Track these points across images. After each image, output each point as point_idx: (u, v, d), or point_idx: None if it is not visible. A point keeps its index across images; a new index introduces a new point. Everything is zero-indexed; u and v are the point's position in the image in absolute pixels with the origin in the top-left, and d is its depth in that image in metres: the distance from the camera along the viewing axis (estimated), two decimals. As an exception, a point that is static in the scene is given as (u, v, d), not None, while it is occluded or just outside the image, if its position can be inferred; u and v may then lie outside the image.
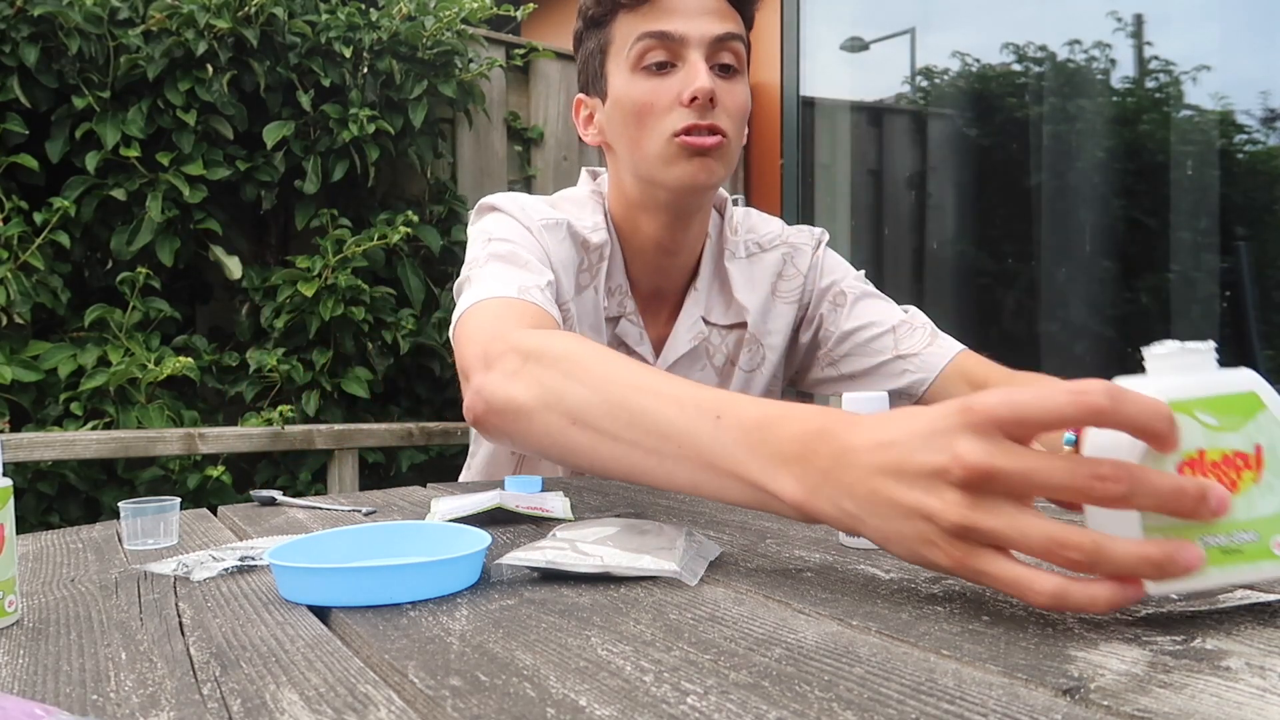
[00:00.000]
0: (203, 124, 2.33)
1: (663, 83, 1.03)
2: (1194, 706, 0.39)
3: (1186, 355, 0.50)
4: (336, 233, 2.44)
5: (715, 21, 1.03)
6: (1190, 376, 0.50)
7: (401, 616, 0.56)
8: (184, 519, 0.95)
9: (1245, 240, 2.48)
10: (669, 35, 1.02)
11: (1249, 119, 2.48)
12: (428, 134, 2.64)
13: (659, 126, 1.03)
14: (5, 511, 0.57)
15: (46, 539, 0.87)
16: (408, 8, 2.56)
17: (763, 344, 1.21)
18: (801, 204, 3.35)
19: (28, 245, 2.14)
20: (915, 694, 0.41)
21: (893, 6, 3.39)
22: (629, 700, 0.41)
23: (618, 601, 0.57)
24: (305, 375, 2.40)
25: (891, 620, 0.52)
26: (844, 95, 3.45)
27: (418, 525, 0.74)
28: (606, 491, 1.04)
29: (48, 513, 2.14)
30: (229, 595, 0.62)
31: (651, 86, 1.03)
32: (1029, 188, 2.93)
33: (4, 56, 2.13)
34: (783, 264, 1.22)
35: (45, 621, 0.58)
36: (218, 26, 2.29)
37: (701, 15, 1.02)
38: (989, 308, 3.10)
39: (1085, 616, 0.52)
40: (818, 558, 0.68)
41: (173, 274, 2.38)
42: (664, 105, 1.02)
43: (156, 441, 2.08)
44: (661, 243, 1.13)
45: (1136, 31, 2.68)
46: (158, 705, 0.43)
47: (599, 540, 0.68)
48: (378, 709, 0.42)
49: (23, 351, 2.14)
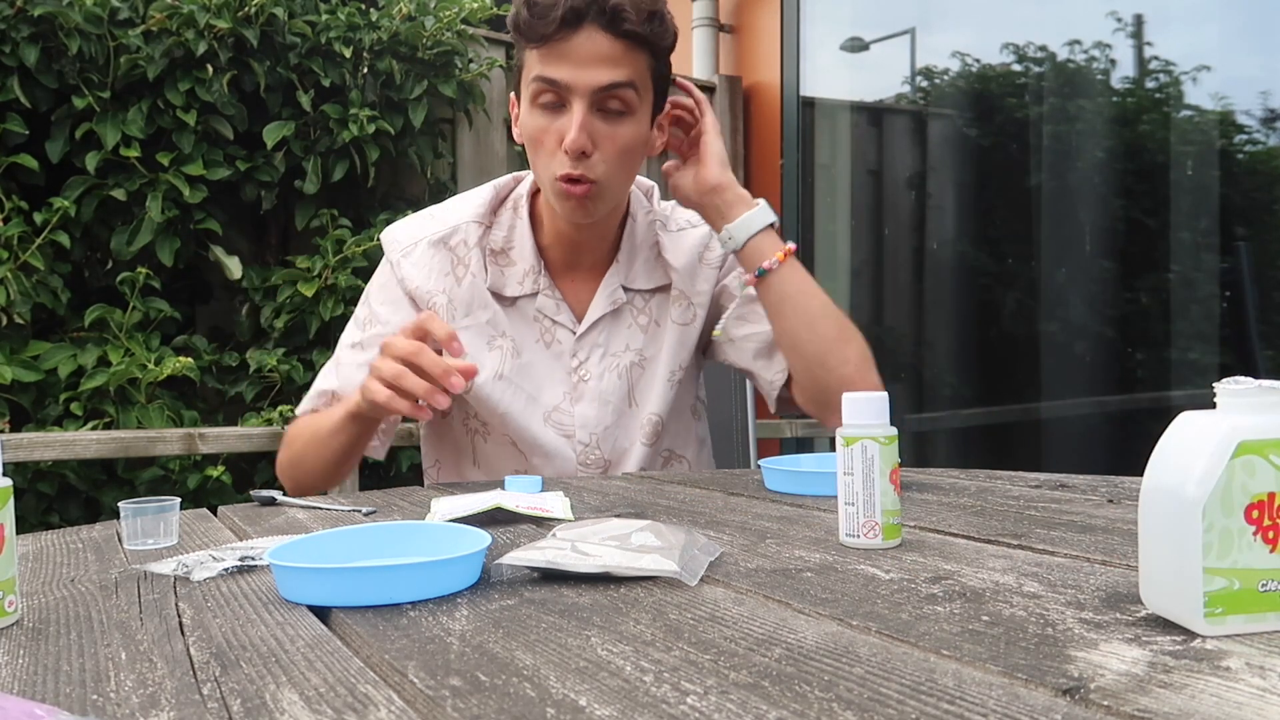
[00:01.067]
0: (203, 124, 2.33)
1: (552, 123, 1.14)
2: (1194, 706, 0.39)
3: (1262, 395, 0.49)
4: (336, 233, 2.44)
5: (604, 70, 1.11)
6: (1264, 416, 0.48)
7: (401, 616, 0.56)
8: (184, 519, 0.95)
9: (1245, 240, 2.48)
10: (556, 83, 1.12)
11: (1249, 119, 2.48)
12: (428, 134, 2.64)
13: (547, 164, 1.16)
14: (5, 511, 0.57)
15: (46, 539, 0.87)
16: (408, 8, 2.56)
17: (692, 302, 1.32)
18: (801, 204, 3.35)
19: (28, 245, 2.13)
20: (915, 694, 0.41)
21: (893, 6, 3.39)
22: (629, 700, 0.41)
23: (618, 601, 0.57)
24: (305, 375, 2.39)
25: (891, 620, 0.52)
26: (844, 95, 3.45)
27: (418, 525, 0.74)
28: (606, 492, 1.04)
29: (48, 513, 2.14)
30: (229, 595, 0.62)
31: (542, 125, 1.14)
32: (1029, 188, 2.93)
33: (4, 56, 2.13)
34: (709, 237, 1.33)
35: (45, 621, 0.58)
36: (218, 26, 2.29)
37: (592, 64, 1.10)
38: (989, 308, 3.10)
39: (1086, 617, 0.52)
40: (818, 558, 0.68)
41: (173, 274, 2.38)
42: (549, 146, 1.15)
43: (156, 441, 2.08)
44: (570, 233, 1.27)
45: (1136, 31, 2.68)
46: (158, 705, 0.43)
47: (599, 540, 0.68)
48: (378, 709, 0.42)
49: (23, 351, 2.14)
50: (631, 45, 1.12)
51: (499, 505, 0.85)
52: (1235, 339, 2.45)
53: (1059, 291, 2.90)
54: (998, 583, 0.59)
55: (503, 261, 1.28)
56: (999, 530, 0.76)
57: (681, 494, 1.02)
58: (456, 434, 1.33)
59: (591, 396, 1.27)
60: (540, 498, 0.91)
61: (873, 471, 0.70)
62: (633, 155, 1.18)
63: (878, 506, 0.70)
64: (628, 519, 0.78)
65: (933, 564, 0.65)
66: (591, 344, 1.28)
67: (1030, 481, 1.03)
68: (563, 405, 1.27)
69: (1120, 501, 0.88)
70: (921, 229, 3.32)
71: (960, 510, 0.86)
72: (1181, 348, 2.61)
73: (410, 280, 1.27)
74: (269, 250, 2.57)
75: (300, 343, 2.44)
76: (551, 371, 1.27)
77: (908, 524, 0.80)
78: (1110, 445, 2.75)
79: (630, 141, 1.16)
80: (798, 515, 0.86)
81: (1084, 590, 0.57)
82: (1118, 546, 0.69)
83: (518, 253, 1.28)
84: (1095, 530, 0.75)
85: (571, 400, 1.27)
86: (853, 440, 0.71)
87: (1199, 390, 2.43)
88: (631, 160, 1.19)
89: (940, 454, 3.25)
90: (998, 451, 3.10)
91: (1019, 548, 0.70)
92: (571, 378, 1.28)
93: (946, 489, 1.00)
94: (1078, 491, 0.95)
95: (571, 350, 1.28)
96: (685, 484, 1.10)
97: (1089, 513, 0.83)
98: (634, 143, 1.16)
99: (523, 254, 1.28)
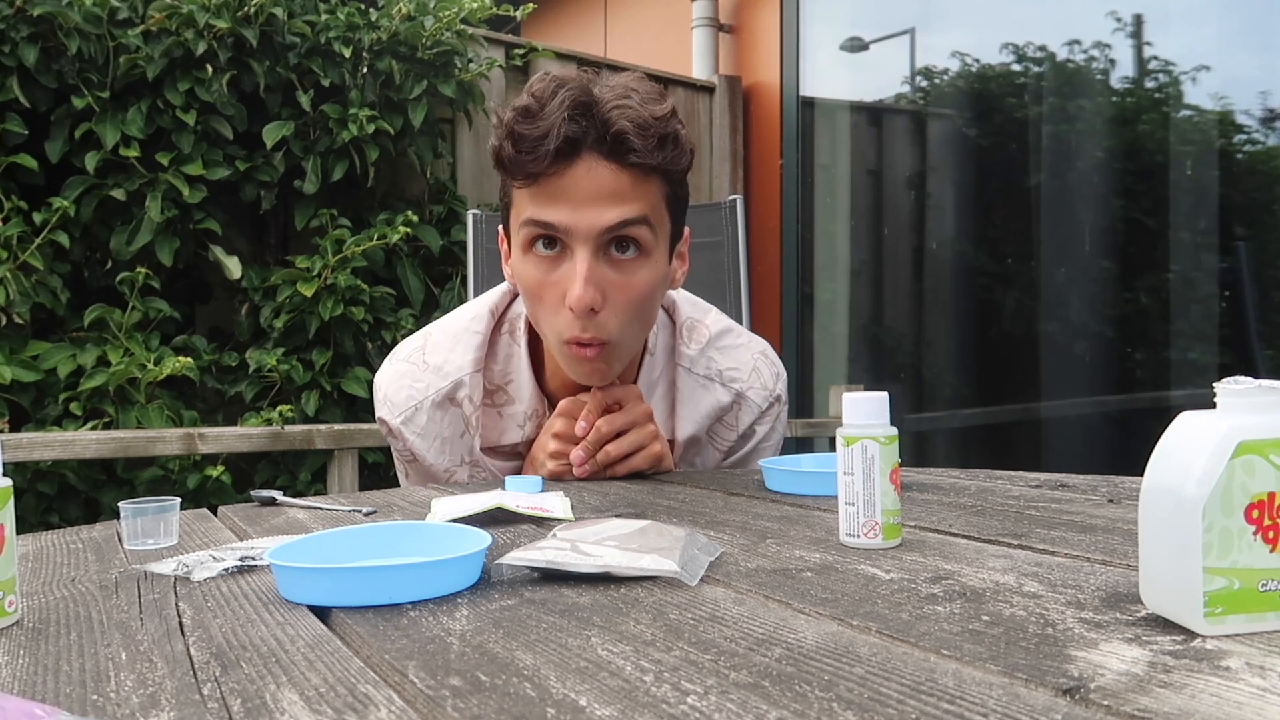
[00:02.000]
0: (202, 124, 2.33)
1: (551, 272, 0.96)
2: (1194, 706, 0.39)
3: (1262, 394, 0.48)
4: (336, 233, 2.44)
5: (609, 207, 0.93)
6: (1264, 416, 0.48)
7: (401, 616, 0.56)
8: (184, 519, 0.95)
9: (1245, 240, 2.48)
10: (553, 227, 0.94)
11: (1249, 119, 2.48)
12: (427, 134, 2.64)
13: (550, 321, 0.98)
14: (5, 512, 0.57)
15: (46, 539, 0.87)
16: (407, 8, 2.56)
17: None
18: (801, 204, 3.35)
19: (27, 245, 2.13)
20: (915, 694, 0.41)
21: (893, 6, 3.39)
22: (629, 700, 0.41)
23: (618, 601, 0.57)
24: (305, 375, 2.39)
25: (891, 620, 0.52)
26: (844, 95, 3.45)
27: (418, 525, 0.74)
28: (606, 492, 1.04)
29: (47, 513, 2.14)
30: (229, 595, 0.62)
31: (540, 276, 0.97)
32: (1029, 188, 2.94)
33: (4, 56, 2.13)
34: (728, 410, 1.15)
35: (45, 622, 0.58)
36: (217, 26, 2.29)
37: (594, 202, 0.92)
38: (989, 308, 3.10)
39: (1086, 617, 0.52)
40: (818, 558, 0.68)
41: (172, 274, 2.38)
42: (551, 301, 0.97)
43: (156, 441, 2.08)
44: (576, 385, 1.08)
45: (1136, 31, 2.68)
46: (158, 705, 0.43)
47: (599, 540, 0.68)
48: (378, 709, 0.42)
49: (22, 351, 2.14)
50: (641, 175, 0.94)
51: (499, 505, 0.85)
52: (1235, 339, 2.45)
53: (1059, 291, 2.90)
54: (998, 583, 0.59)
55: (500, 400, 1.11)
56: (999, 530, 0.76)
57: (681, 494, 1.02)
58: None
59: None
60: (540, 498, 0.91)
61: (873, 471, 0.70)
62: (651, 302, 1.00)
63: (878, 506, 0.70)
64: (628, 519, 0.78)
65: (933, 564, 0.65)
66: None
67: (1030, 481, 1.03)
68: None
69: (1120, 501, 0.88)
70: (921, 229, 3.32)
71: (960, 510, 0.86)
72: (1181, 348, 2.61)
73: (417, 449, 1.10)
74: (268, 250, 2.57)
75: (300, 343, 2.44)
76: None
77: (908, 524, 0.80)
78: (1110, 445, 2.75)
79: (647, 288, 0.98)
80: (798, 515, 0.86)
81: (1084, 590, 0.57)
82: (1118, 546, 0.69)
83: (516, 388, 1.10)
84: (1095, 530, 0.75)
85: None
86: (853, 440, 0.71)
87: (1199, 390, 2.43)
88: (650, 308, 1.01)
89: (940, 454, 3.25)
90: (998, 451, 3.10)
91: (1019, 548, 0.70)
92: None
93: (946, 489, 1.00)
94: (1078, 491, 0.95)
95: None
96: (685, 484, 1.10)
97: (1089, 513, 0.83)
98: (651, 288, 0.98)
99: (521, 393, 1.11)
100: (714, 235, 1.96)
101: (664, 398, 1.14)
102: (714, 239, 1.93)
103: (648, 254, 0.97)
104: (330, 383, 2.44)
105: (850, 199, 3.43)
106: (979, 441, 3.15)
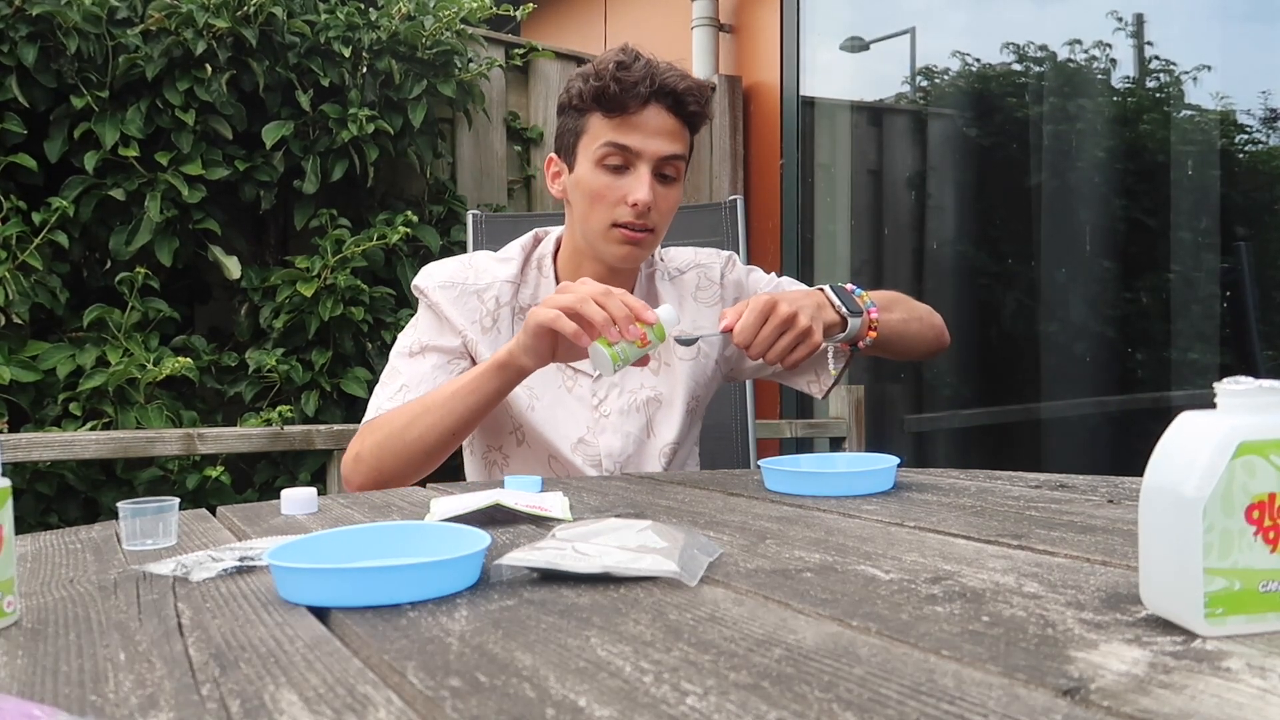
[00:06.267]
0: (201, 124, 2.33)
1: (615, 181, 1.27)
2: (1194, 707, 0.39)
3: (1262, 395, 0.48)
4: (335, 233, 2.44)
5: (666, 142, 1.27)
6: (1265, 416, 0.48)
7: (401, 617, 0.55)
8: (183, 519, 0.95)
9: (1245, 240, 2.48)
10: (628, 149, 1.26)
11: (1249, 119, 2.48)
12: (427, 134, 2.64)
13: (605, 214, 1.28)
14: (4, 512, 0.57)
15: (45, 539, 0.87)
16: (407, 7, 2.56)
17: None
18: (801, 204, 3.35)
19: (26, 245, 2.13)
20: (915, 694, 0.41)
21: (893, 6, 3.39)
22: (629, 700, 0.41)
23: (618, 602, 0.57)
24: (304, 375, 2.39)
25: (891, 620, 0.52)
26: (844, 95, 3.45)
27: (418, 525, 0.74)
28: (606, 492, 1.04)
29: (46, 513, 2.14)
30: (228, 596, 0.62)
31: (606, 182, 1.28)
32: (1029, 188, 2.93)
33: (3, 56, 2.13)
34: (698, 279, 1.46)
35: (44, 622, 0.58)
36: (216, 26, 2.29)
37: (657, 135, 1.27)
38: (989, 308, 3.10)
39: (1086, 617, 0.52)
40: (818, 558, 0.68)
41: (172, 274, 2.38)
42: (612, 199, 1.28)
43: (155, 442, 2.08)
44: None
45: (1136, 31, 2.68)
46: (156, 706, 0.43)
47: (599, 540, 0.68)
48: (377, 709, 0.42)
49: (21, 352, 2.14)
50: (685, 123, 1.29)
51: (498, 503, 0.85)
52: (1235, 339, 2.45)
53: (1059, 291, 2.90)
54: (998, 583, 0.59)
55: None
56: (999, 530, 0.76)
57: (681, 494, 1.02)
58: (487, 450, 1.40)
59: (614, 430, 1.36)
60: (540, 497, 0.91)
61: None
62: (674, 213, 1.34)
63: None
64: (628, 519, 0.78)
65: (933, 564, 0.65)
66: (609, 383, 1.38)
67: (1030, 482, 1.03)
68: (587, 437, 1.35)
69: (1120, 502, 0.88)
70: (921, 229, 3.32)
71: (960, 510, 0.86)
72: (1181, 348, 2.61)
73: (447, 311, 1.32)
74: (268, 250, 2.57)
75: (299, 343, 2.44)
76: (574, 411, 1.36)
77: (908, 524, 0.80)
78: (1110, 445, 2.75)
79: (676, 202, 1.33)
80: (798, 515, 0.86)
81: (1084, 591, 0.57)
82: (1118, 547, 0.69)
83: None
84: (1095, 530, 0.75)
85: (594, 434, 1.36)
86: None
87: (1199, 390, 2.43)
88: (671, 216, 1.34)
89: (940, 454, 3.25)
90: (998, 452, 3.10)
91: (1019, 548, 0.70)
92: (594, 414, 1.36)
93: (946, 489, 1.00)
94: (1078, 492, 0.95)
95: (591, 390, 1.37)
96: (685, 484, 1.10)
97: (1089, 513, 0.83)
98: (677, 203, 1.34)
99: None
100: (714, 235, 1.96)
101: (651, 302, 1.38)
102: (714, 239, 1.93)
103: (679, 180, 1.32)
104: (330, 383, 2.44)
105: (850, 199, 3.43)
106: (979, 442, 3.15)
